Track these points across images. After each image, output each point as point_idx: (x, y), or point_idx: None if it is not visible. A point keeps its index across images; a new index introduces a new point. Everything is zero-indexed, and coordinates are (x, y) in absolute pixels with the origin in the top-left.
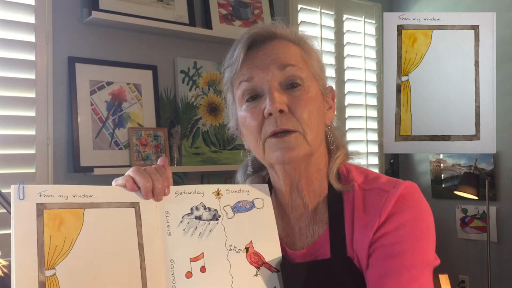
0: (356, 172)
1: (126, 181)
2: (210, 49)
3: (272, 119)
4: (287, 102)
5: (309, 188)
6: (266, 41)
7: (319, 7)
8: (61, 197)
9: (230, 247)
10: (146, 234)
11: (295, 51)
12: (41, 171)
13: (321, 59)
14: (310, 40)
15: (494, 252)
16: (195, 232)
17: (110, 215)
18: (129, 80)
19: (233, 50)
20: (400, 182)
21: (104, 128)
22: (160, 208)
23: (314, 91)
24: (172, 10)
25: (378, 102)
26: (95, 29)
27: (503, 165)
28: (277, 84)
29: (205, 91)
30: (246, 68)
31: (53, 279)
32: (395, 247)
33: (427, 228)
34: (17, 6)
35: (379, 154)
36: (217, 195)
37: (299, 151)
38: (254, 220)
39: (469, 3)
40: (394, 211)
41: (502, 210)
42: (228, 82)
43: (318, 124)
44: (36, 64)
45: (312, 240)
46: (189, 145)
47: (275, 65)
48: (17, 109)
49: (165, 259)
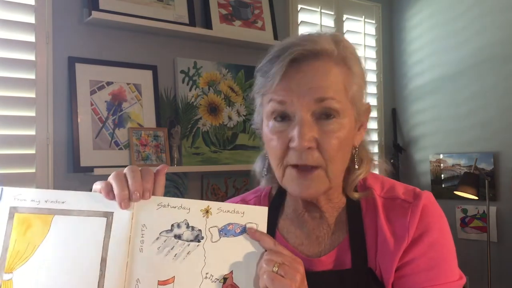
0: (372, 179)
1: (102, 188)
2: (210, 49)
3: (297, 152)
4: (316, 136)
5: (328, 203)
6: (308, 59)
7: (319, 7)
8: (33, 202)
9: (206, 275)
10: (113, 248)
11: (336, 77)
12: (41, 171)
13: (364, 75)
14: (355, 57)
15: (494, 252)
16: (170, 252)
17: (79, 224)
18: (129, 80)
19: (272, 58)
20: (419, 192)
21: (104, 128)
22: (136, 220)
23: (347, 122)
24: (172, 10)
25: (378, 102)
26: (95, 29)
27: (503, 165)
28: (310, 115)
29: (205, 91)
30: (280, 88)
31: (9, 284)
32: (429, 273)
33: (450, 241)
34: (17, 6)
35: (379, 154)
36: (205, 213)
37: (319, 188)
38: (242, 248)
39: (469, 3)
40: (422, 230)
41: (502, 210)
42: (259, 90)
43: (344, 157)
44: (36, 64)
45: (331, 249)
46: (189, 145)
47: (312, 96)
48: (17, 109)
49: (130, 278)
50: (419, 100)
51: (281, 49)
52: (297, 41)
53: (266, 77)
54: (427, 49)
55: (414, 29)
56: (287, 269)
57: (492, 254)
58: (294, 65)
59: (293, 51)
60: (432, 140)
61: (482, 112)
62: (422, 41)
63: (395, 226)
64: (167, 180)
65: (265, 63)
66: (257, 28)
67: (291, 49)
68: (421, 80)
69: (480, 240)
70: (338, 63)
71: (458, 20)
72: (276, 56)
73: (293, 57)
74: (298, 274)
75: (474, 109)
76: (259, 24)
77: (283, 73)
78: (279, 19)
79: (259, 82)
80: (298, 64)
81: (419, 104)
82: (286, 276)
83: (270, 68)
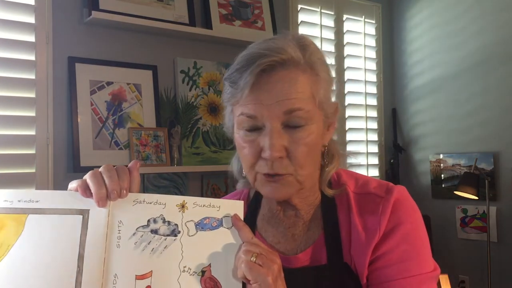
0: (346, 176)
1: (79, 186)
2: (210, 49)
3: (268, 161)
4: (286, 144)
5: (302, 201)
6: (275, 68)
7: (319, 7)
8: (6, 202)
9: (184, 268)
10: (90, 244)
11: (303, 86)
12: (41, 171)
13: (330, 75)
14: (322, 61)
15: (494, 252)
16: (147, 247)
17: (54, 222)
18: (129, 80)
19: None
20: (392, 186)
21: (104, 128)
22: (112, 217)
23: (315, 128)
24: (172, 10)
25: (378, 102)
26: (95, 29)
27: (503, 165)
28: (280, 124)
29: (205, 91)
30: (250, 101)
31: None
32: (401, 265)
33: (424, 233)
34: (17, 6)
35: (379, 154)
36: (181, 208)
37: (289, 190)
38: (218, 241)
39: (469, 3)
40: (394, 223)
41: (502, 210)
42: (229, 100)
43: (314, 160)
44: (36, 64)
45: (307, 246)
46: (189, 145)
47: (281, 109)
48: (17, 109)
49: (108, 273)
50: (419, 100)
51: (249, 59)
52: (264, 52)
53: (235, 88)
54: (427, 49)
55: (414, 29)
56: (265, 259)
57: (492, 254)
58: (262, 76)
59: (261, 62)
60: (432, 140)
61: (482, 112)
62: (422, 41)
63: (367, 221)
64: (167, 180)
65: (233, 72)
66: (257, 28)
67: (259, 61)
68: (421, 80)
69: (480, 240)
70: (305, 70)
71: (458, 20)
72: (245, 66)
73: (263, 68)
74: (275, 265)
75: (474, 109)
76: (259, 24)
77: (251, 85)
78: (279, 19)
79: (228, 91)
80: (266, 74)
81: (419, 104)
82: (263, 266)
83: (239, 78)
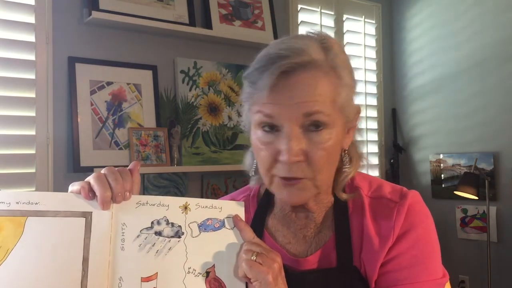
0: (359, 178)
1: (82, 188)
2: (210, 49)
3: (285, 165)
4: (305, 147)
5: (315, 204)
6: (296, 70)
7: (319, 7)
8: (3, 204)
9: (189, 270)
10: (94, 247)
11: (324, 89)
12: (41, 171)
13: (353, 78)
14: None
15: (494, 252)
16: (152, 249)
17: (55, 225)
18: (129, 80)
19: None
20: (406, 191)
21: (104, 128)
22: (116, 219)
23: (335, 132)
24: (172, 10)
25: (378, 102)
26: (95, 29)
27: (503, 165)
28: (299, 127)
29: (205, 91)
30: (269, 101)
31: None
32: (410, 270)
33: (435, 239)
34: (17, 6)
35: (379, 154)
36: (184, 210)
37: (306, 195)
38: (221, 242)
39: (469, 3)
40: (406, 228)
41: (502, 210)
42: (247, 99)
43: (332, 165)
44: (36, 64)
45: (317, 248)
46: (189, 145)
47: (300, 111)
48: (17, 109)
49: (113, 276)
50: (419, 100)
51: (270, 59)
52: (285, 53)
53: (254, 88)
54: (427, 49)
55: (414, 29)
56: (265, 258)
57: (492, 254)
58: (282, 77)
59: (281, 64)
60: (432, 140)
61: (482, 112)
62: (422, 41)
63: (381, 226)
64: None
65: (253, 71)
66: (257, 28)
67: (279, 62)
68: (421, 80)
69: (480, 240)
70: (327, 73)
71: (458, 20)
72: (265, 66)
73: (284, 70)
74: (275, 263)
75: (474, 109)
76: (259, 24)
77: (271, 86)
78: (279, 19)
79: (247, 90)
80: (286, 76)
81: (419, 104)
82: (264, 264)
83: (258, 78)
